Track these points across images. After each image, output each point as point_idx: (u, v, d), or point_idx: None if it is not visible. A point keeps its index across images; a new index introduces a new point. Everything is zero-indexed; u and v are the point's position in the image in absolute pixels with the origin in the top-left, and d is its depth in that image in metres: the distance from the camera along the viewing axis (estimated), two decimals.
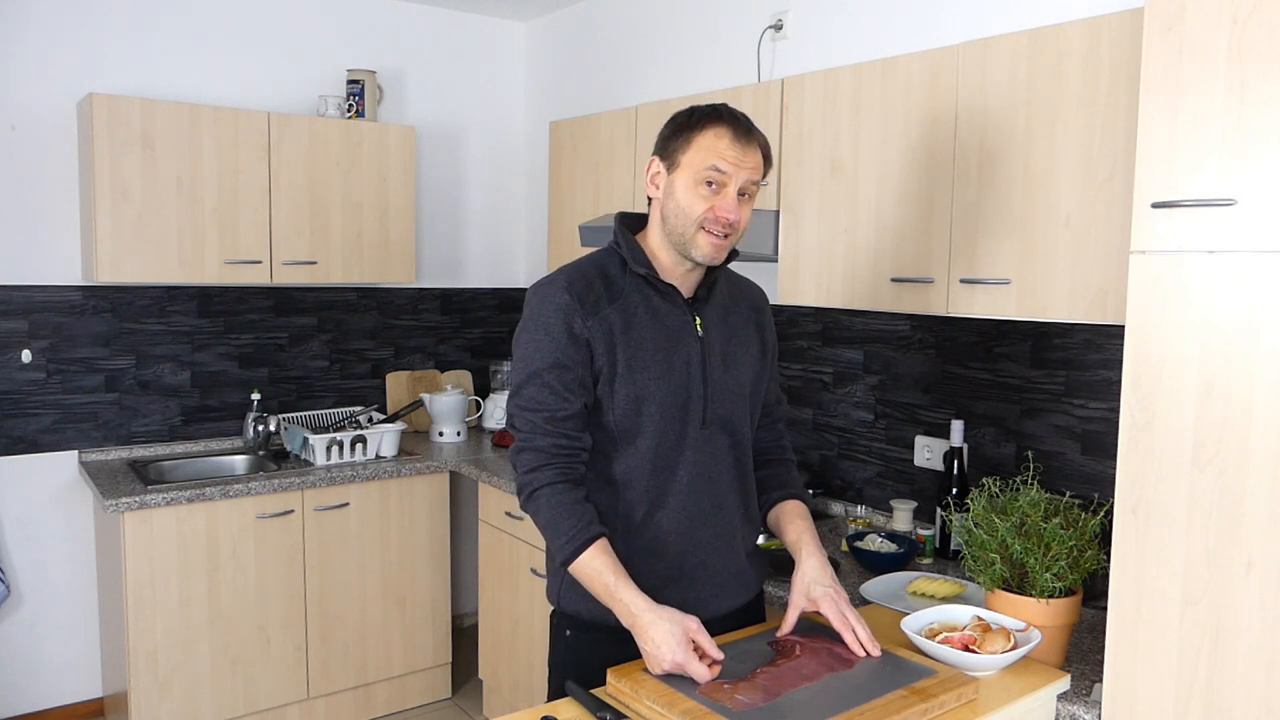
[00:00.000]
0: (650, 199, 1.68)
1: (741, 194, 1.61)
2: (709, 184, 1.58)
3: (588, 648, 1.67)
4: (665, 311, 1.66)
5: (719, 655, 1.50)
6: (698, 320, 1.68)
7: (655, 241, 1.68)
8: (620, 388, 1.62)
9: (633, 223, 1.73)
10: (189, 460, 3.46)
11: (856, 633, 1.59)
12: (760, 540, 1.85)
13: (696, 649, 1.49)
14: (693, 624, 1.51)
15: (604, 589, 1.55)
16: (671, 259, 1.66)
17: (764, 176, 1.65)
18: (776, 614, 1.79)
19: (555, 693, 1.69)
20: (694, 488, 1.67)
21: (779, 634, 1.64)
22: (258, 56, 3.64)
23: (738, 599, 1.76)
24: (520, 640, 3.24)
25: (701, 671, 1.46)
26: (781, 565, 2.20)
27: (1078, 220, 1.91)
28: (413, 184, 3.71)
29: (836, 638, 1.61)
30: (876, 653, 1.58)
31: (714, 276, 1.71)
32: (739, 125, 1.60)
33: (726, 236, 1.61)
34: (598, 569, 1.55)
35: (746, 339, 1.77)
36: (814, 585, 1.65)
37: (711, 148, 1.58)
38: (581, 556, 1.56)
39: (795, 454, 1.94)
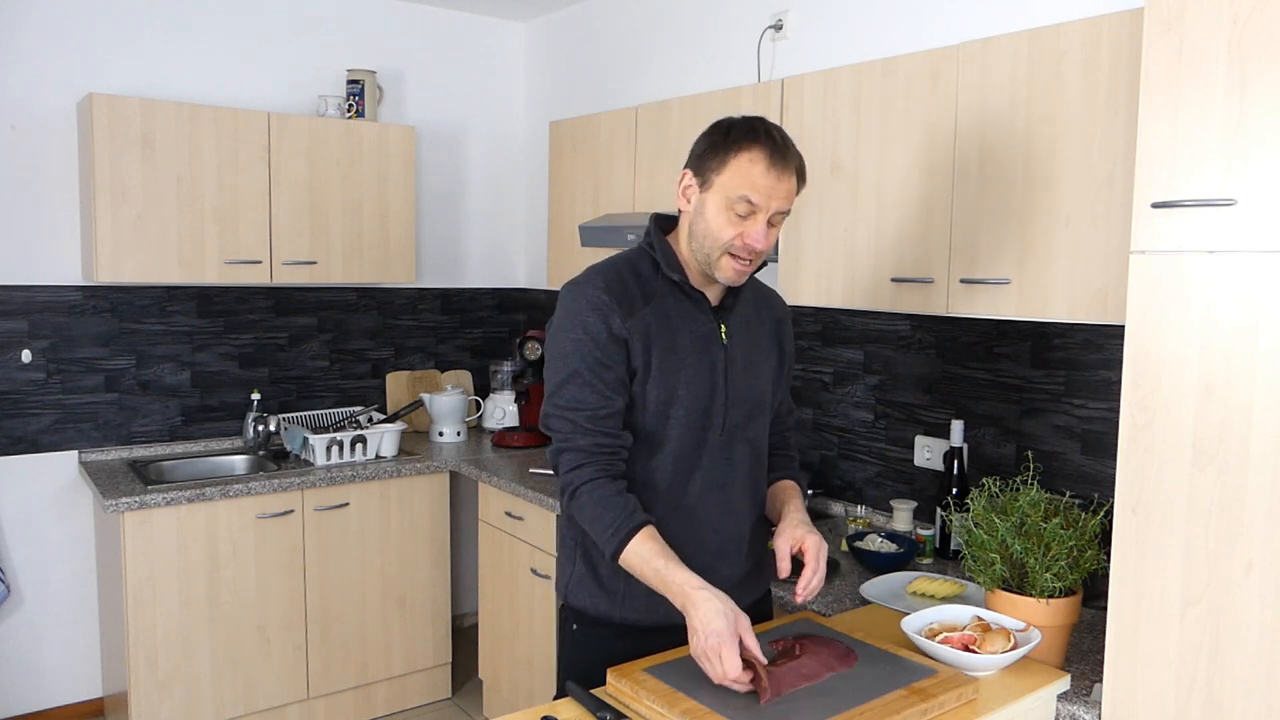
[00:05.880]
0: (680, 209, 1.67)
1: (770, 224, 1.58)
2: (739, 211, 1.56)
3: (593, 643, 1.68)
4: (694, 317, 1.67)
5: (762, 658, 1.46)
6: (723, 328, 1.69)
7: (684, 251, 1.67)
8: (651, 390, 1.62)
9: (665, 224, 1.72)
10: (189, 460, 3.46)
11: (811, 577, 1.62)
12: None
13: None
14: (744, 620, 1.47)
15: (654, 574, 1.53)
16: (698, 269, 1.66)
17: (797, 193, 1.63)
18: (781, 616, 1.79)
19: (563, 687, 1.69)
20: (706, 494, 1.68)
21: (779, 575, 1.65)
22: (258, 56, 3.64)
23: (742, 602, 1.75)
24: (520, 640, 3.24)
25: (736, 668, 1.41)
26: None
27: (1078, 220, 1.91)
28: (413, 184, 3.71)
29: (836, 638, 1.61)
30: (799, 600, 1.62)
31: (739, 285, 1.71)
32: (775, 150, 1.55)
33: (751, 262, 1.61)
34: (645, 556, 1.54)
35: (767, 348, 1.78)
36: (799, 526, 1.68)
37: (746, 174, 1.55)
38: (629, 546, 1.54)
39: (796, 453, 1.95)
